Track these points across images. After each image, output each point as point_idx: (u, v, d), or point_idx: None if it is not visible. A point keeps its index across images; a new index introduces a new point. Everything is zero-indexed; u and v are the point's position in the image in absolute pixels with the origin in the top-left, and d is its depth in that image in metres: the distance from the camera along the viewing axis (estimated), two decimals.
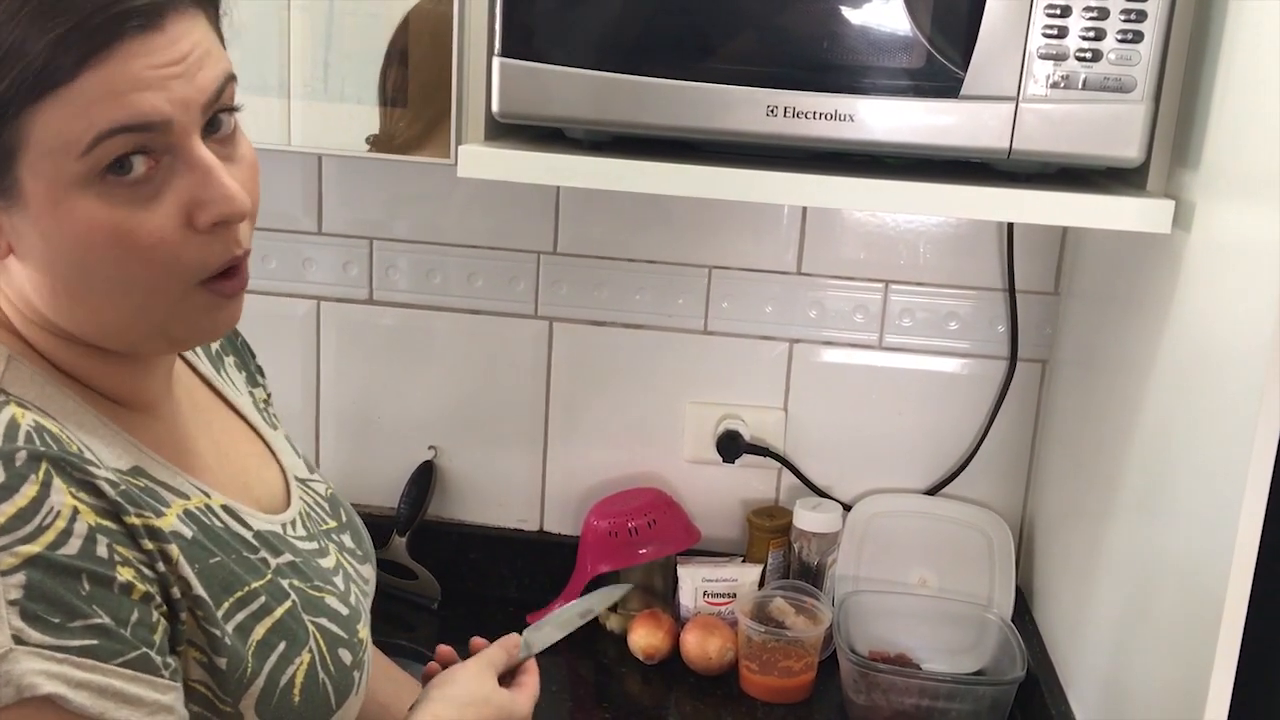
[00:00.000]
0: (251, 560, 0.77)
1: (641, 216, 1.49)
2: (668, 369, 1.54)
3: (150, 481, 0.74)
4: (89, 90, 0.63)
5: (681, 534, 1.50)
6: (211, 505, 0.77)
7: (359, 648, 0.83)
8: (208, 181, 0.68)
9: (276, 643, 0.75)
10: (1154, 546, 1.02)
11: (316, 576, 0.83)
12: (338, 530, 0.93)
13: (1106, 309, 1.26)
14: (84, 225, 0.66)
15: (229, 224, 0.70)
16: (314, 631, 0.79)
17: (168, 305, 0.71)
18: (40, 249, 0.68)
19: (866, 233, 1.47)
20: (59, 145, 0.64)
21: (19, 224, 0.68)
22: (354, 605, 0.85)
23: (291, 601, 0.78)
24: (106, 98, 0.64)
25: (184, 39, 0.67)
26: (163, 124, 0.66)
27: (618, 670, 1.43)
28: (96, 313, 0.71)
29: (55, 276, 0.69)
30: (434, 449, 1.59)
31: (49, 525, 0.63)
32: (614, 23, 1.04)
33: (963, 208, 1.08)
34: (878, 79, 1.01)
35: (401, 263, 1.54)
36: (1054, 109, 0.99)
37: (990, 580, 1.47)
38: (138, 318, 0.71)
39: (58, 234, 0.67)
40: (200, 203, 0.68)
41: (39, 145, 0.64)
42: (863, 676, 1.31)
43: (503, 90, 1.06)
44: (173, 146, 0.68)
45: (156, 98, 0.65)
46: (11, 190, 0.66)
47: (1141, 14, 0.96)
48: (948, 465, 1.52)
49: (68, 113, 0.64)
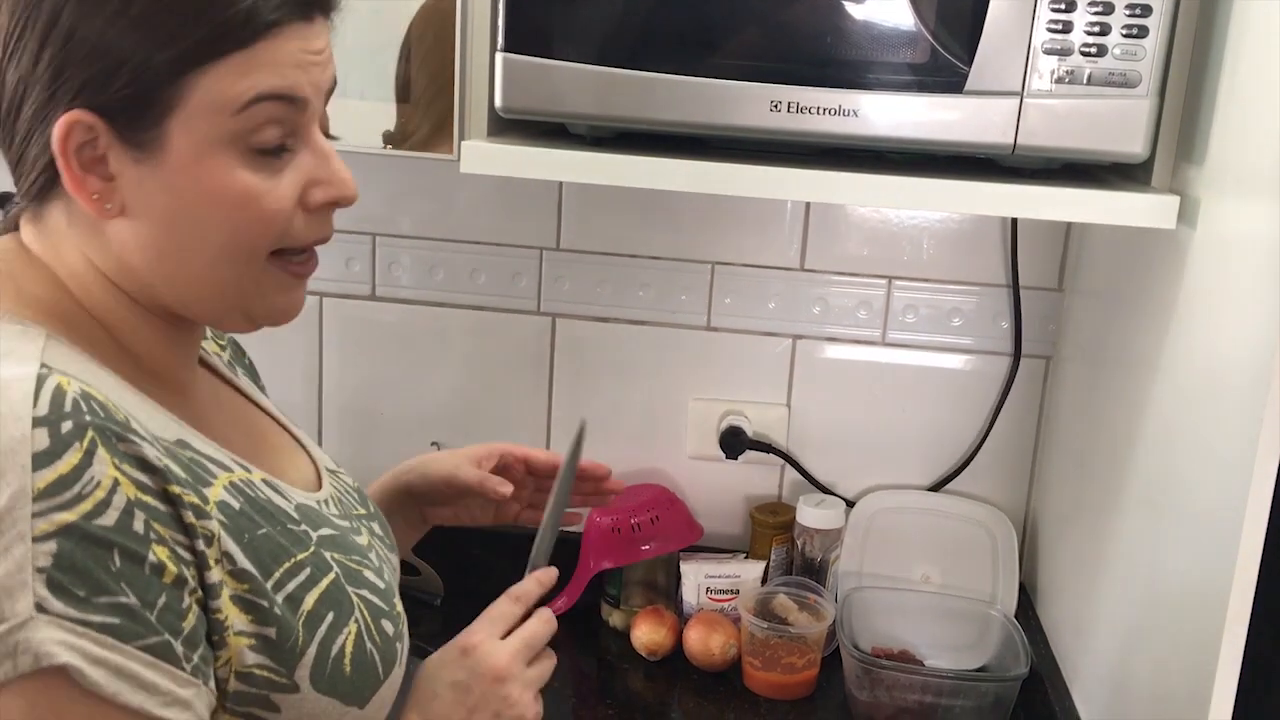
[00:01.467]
0: (295, 532, 0.78)
1: (644, 212, 1.49)
2: (671, 365, 1.53)
3: (195, 454, 0.74)
4: (256, 58, 0.70)
5: (684, 530, 1.50)
6: (253, 479, 0.78)
7: (398, 620, 0.84)
8: (328, 164, 0.76)
9: (325, 613, 0.76)
10: (1158, 543, 1.02)
11: (354, 551, 0.84)
12: (367, 518, 0.94)
13: (1111, 305, 1.26)
14: (219, 182, 0.71)
15: (338, 206, 0.77)
16: (358, 603, 0.80)
17: (254, 278, 0.76)
18: (164, 205, 0.72)
19: (870, 228, 1.47)
20: (218, 103, 0.70)
21: (146, 180, 0.71)
22: (388, 581, 0.86)
23: (335, 573, 0.79)
24: (267, 66, 0.71)
25: (322, 36, 0.76)
26: (303, 101, 0.73)
27: (620, 666, 1.43)
28: (193, 279, 0.74)
29: (170, 234, 0.72)
30: (437, 444, 1.59)
31: (88, 495, 0.63)
32: (617, 18, 1.04)
33: (967, 203, 1.08)
34: (882, 74, 1.01)
35: (404, 259, 1.54)
36: (1059, 104, 0.99)
37: (994, 577, 1.46)
38: (227, 287, 0.75)
39: (192, 189, 0.71)
40: (318, 182, 0.76)
41: (199, 103, 0.69)
42: (866, 673, 1.30)
43: (506, 86, 1.05)
44: (300, 128, 0.74)
45: (303, 77, 0.73)
46: (152, 144, 0.70)
47: (1146, 9, 0.96)
48: (951, 461, 1.52)
49: (234, 76, 0.70)
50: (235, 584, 0.71)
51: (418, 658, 1.19)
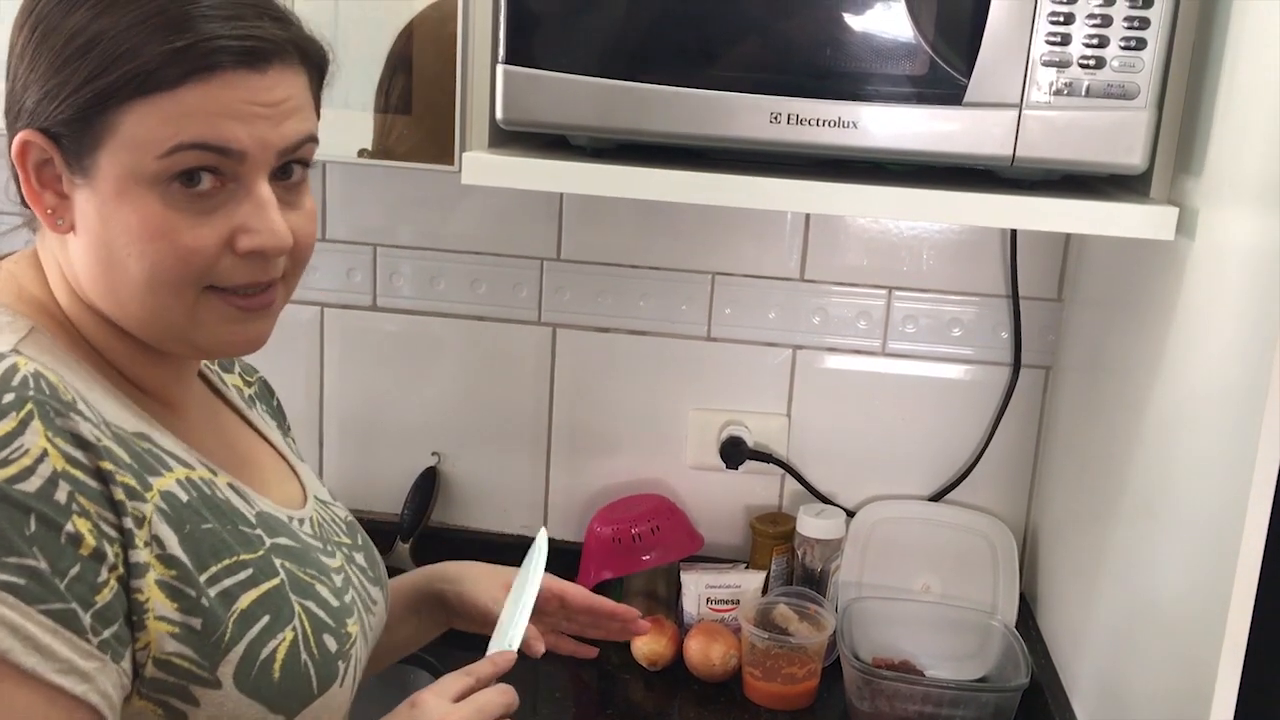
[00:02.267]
0: (247, 534, 0.79)
1: (645, 223, 1.50)
2: (671, 375, 1.54)
3: (154, 447, 0.76)
4: (184, 103, 0.71)
5: (685, 540, 1.50)
6: (215, 480, 0.80)
7: (346, 640, 0.84)
8: (260, 213, 0.75)
9: (260, 615, 0.77)
10: (1158, 553, 1.02)
11: (312, 565, 0.84)
12: (352, 549, 0.95)
13: (1110, 315, 1.26)
14: (139, 218, 0.72)
15: (265, 255, 0.76)
16: (300, 612, 0.80)
17: (185, 310, 0.76)
18: (96, 230, 0.74)
19: (870, 239, 1.47)
20: (143, 142, 0.71)
21: (85, 203, 0.74)
22: (346, 603, 0.86)
23: (280, 580, 0.80)
24: (197, 114, 0.71)
25: (280, 87, 0.75)
26: (238, 154, 0.73)
27: (621, 677, 1.42)
28: (126, 302, 0.76)
29: (100, 260, 0.74)
30: (437, 455, 1.59)
31: (13, 460, 0.66)
32: (618, 30, 1.05)
33: (966, 214, 1.08)
34: (881, 86, 1.01)
35: (405, 269, 1.54)
36: (1057, 116, 0.99)
37: (994, 587, 1.46)
38: (159, 316, 0.76)
39: (114, 218, 0.73)
40: (246, 229, 0.75)
41: (125, 138, 0.71)
42: (866, 683, 1.30)
43: (507, 97, 1.06)
44: (240, 176, 0.74)
45: (240, 129, 0.73)
46: (90, 170, 0.73)
47: (1145, 21, 0.96)
48: (951, 471, 1.52)
49: (159, 117, 0.71)
50: (163, 569, 0.72)
51: (429, 674, 1.18)
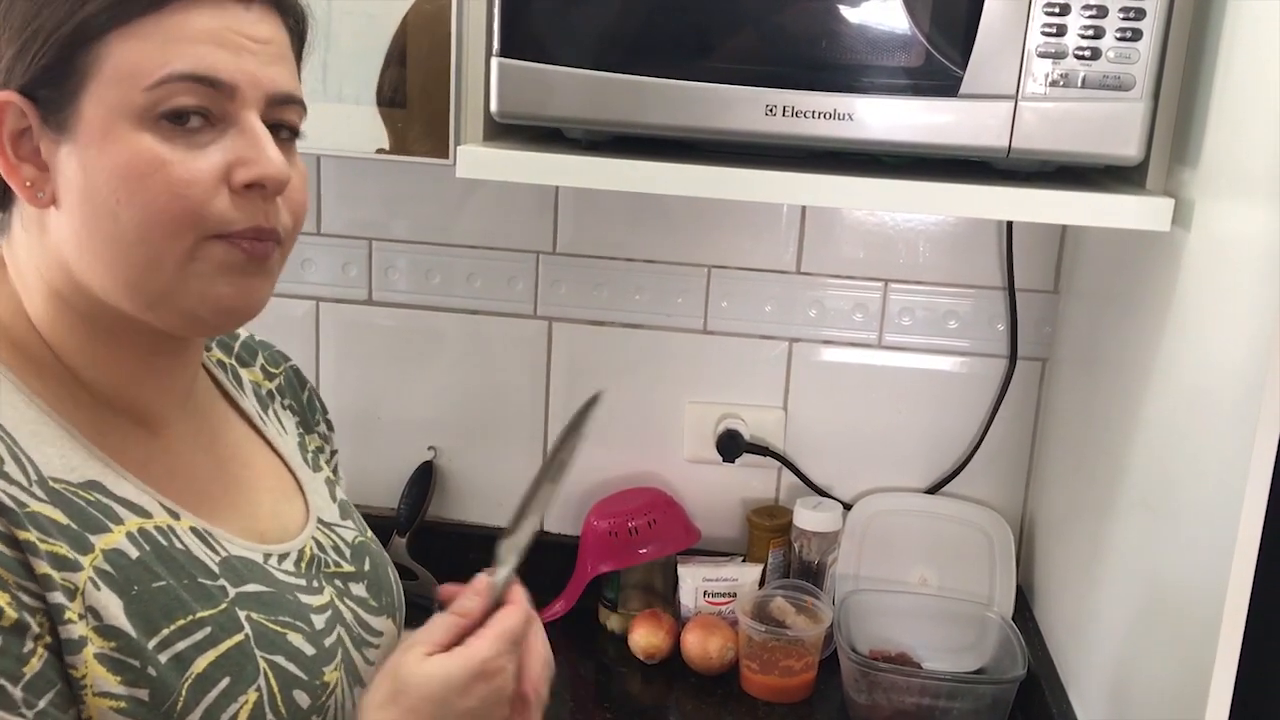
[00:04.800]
0: (207, 587, 0.73)
1: (640, 216, 1.49)
2: (667, 369, 1.54)
3: (105, 497, 0.70)
4: (170, 27, 0.67)
5: (681, 534, 1.50)
6: (175, 527, 0.74)
7: (321, 691, 0.77)
8: (255, 144, 0.70)
9: (219, 678, 0.70)
10: (1155, 544, 1.02)
11: (284, 611, 0.78)
12: (351, 578, 0.87)
13: (1106, 307, 1.26)
14: (127, 154, 0.67)
15: (264, 189, 0.71)
16: (265, 669, 0.73)
17: (181, 259, 0.70)
18: (80, 187, 0.68)
19: (866, 232, 1.47)
20: (129, 74, 0.67)
21: (66, 162, 0.68)
22: (326, 647, 0.79)
23: (244, 635, 0.73)
24: (185, 40, 0.67)
25: (264, 25, 0.71)
26: (229, 87, 0.69)
27: (618, 670, 1.43)
28: (115, 262, 0.69)
29: (86, 219, 0.69)
30: (434, 449, 1.59)
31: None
32: (613, 22, 1.04)
33: (962, 206, 1.08)
34: (877, 78, 1.01)
35: (400, 263, 1.54)
36: (1053, 107, 0.99)
37: (991, 579, 1.47)
38: (151, 272, 0.70)
39: (99, 164, 0.68)
40: (243, 161, 0.70)
41: (110, 72, 0.67)
42: (863, 675, 1.31)
43: (501, 90, 1.06)
44: (230, 115, 0.70)
45: (230, 60, 0.69)
46: (68, 121, 0.68)
47: (1140, 12, 0.96)
48: (948, 464, 1.52)
49: (146, 46, 0.67)
50: (101, 641, 0.66)
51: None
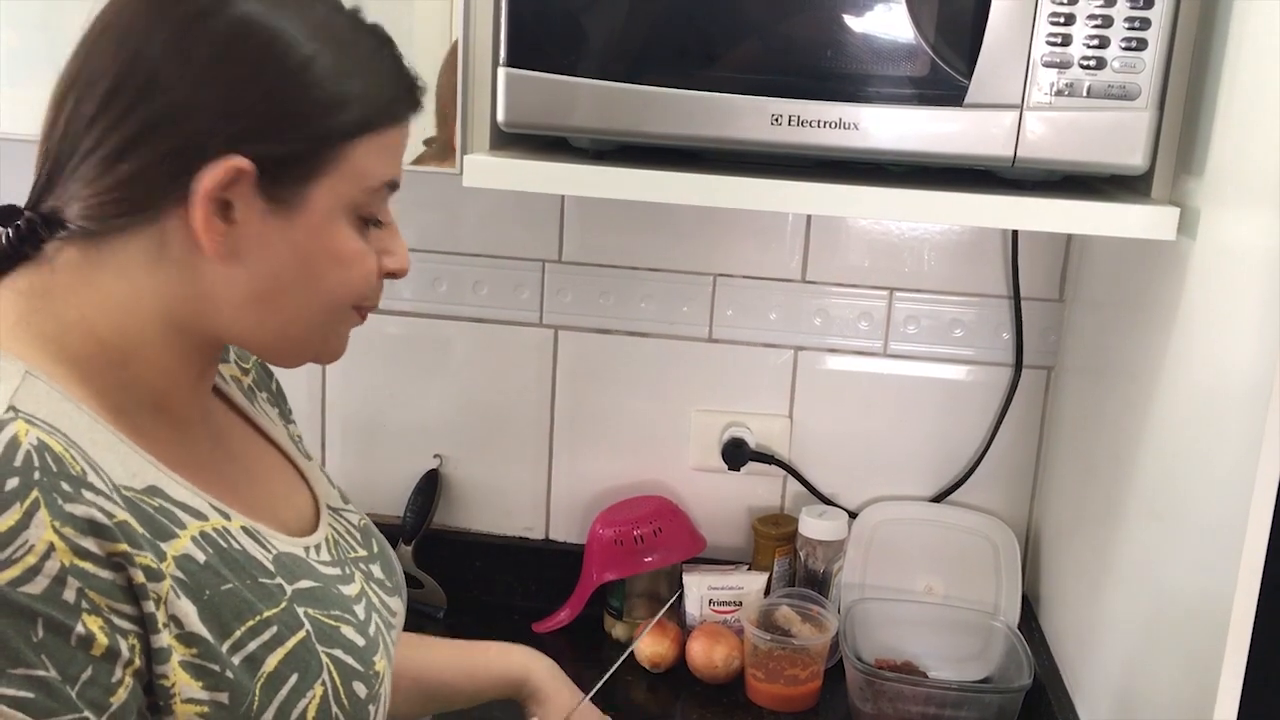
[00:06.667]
0: (267, 586, 0.76)
1: (646, 225, 1.50)
2: (672, 377, 1.54)
3: (166, 502, 0.72)
4: (393, 140, 0.78)
5: (687, 542, 1.50)
6: (230, 528, 0.76)
7: (374, 680, 0.81)
8: (396, 238, 0.83)
9: (288, 675, 0.74)
10: (1161, 553, 1.02)
11: (335, 604, 0.82)
12: (367, 560, 0.92)
13: (1112, 316, 1.26)
14: (338, 243, 0.77)
15: (398, 277, 0.84)
16: (328, 664, 0.77)
17: (332, 323, 0.81)
18: (282, 258, 0.75)
19: (871, 240, 1.47)
20: (360, 174, 0.76)
21: (270, 233, 0.74)
22: (372, 636, 0.83)
23: (305, 631, 0.77)
24: (396, 150, 0.79)
25: None
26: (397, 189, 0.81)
27: (623, 679, 1.42)
28: (288, 322, 0.78)
29: (278, 284, 0.76)
30: (439, 457, 1.59)
31: (17, 559, 0.61)
32: (619, 32, 1.05)
33: (967, 216, 1.08)
34: (882, 87, 1.01)
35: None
36: (1058, 116, 0.99)
37: (996, 588, 1.46)
38: (312, 328, 0.80)
39: (315, 246, 0.76)
40: (389, 252, 0.82)
41: (347, 169, 0.75)
42: (869, 685, 1.30)
43: (508, 100, 1.06)
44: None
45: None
46: (291, 201, 0.74)
47: (1145, 21, 0.96)
48: (953, 472, 1.52)
49: (378, 153, 0.77)
50: (184, 649, 0.68)
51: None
